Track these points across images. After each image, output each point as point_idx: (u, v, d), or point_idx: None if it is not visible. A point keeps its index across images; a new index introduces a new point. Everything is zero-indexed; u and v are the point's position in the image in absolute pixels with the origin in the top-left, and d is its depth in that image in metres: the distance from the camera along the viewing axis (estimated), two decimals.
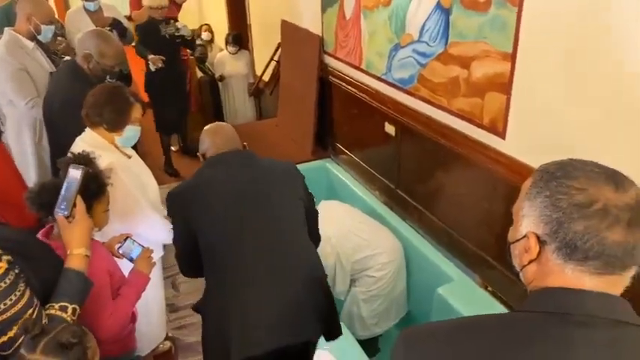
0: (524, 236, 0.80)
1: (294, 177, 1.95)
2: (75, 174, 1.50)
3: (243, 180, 1.80)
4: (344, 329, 2.54)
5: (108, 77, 2.61)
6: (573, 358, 0.71)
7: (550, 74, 2.03)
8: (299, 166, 3.92)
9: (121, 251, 1.83)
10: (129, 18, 4.69)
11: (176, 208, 1.84)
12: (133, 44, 4.30)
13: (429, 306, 2.75)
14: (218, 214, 1.75)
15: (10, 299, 1.26)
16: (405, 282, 3.08)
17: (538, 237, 0.78)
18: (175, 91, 4.45)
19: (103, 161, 1.78)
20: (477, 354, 0.75)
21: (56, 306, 1.38)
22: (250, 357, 1.70)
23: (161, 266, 2.60)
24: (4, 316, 1.25)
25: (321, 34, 3.79)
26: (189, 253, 1.84)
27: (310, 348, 1.98)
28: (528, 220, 0.80)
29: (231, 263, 1.74)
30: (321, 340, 2.37)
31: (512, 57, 2.16)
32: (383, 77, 3.12)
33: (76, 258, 1.47)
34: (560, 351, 0.71)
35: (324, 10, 3.67)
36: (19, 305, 1.28)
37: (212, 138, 1.91)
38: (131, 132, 2.13)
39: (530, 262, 0.80)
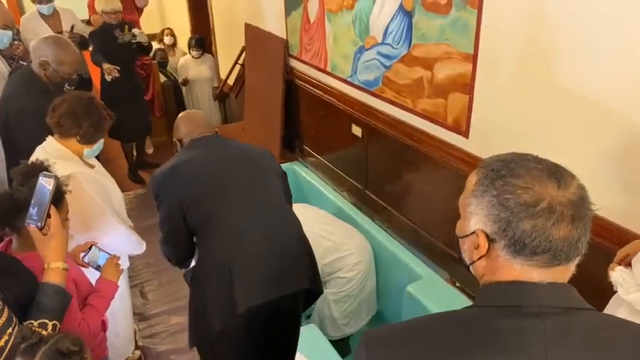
0: (473, 233, 0.82)
1: (271, 157, 2.12)
2: (46, 183, 1.45)
3: (224, 157, 1.93)
4: (316, 330, 2.56)
5: (67, 84, 2.55)
6: (527, 349, 0.73)
7: (509, 74, 2.10)
8: None
9: (86, 260, 1.78)
10: (87, 22, 4.58)
11: (163, 188, 1.90)
12: (91, 49, 4.20)
13: (400, 304, 2.79)
14: (208, 185, 1.86)
15: None
16: (375, 281, 3.12)
17: (487, 234, 0.80)
18: (133, 99, 4.35)
19: (65, 171, 1.74)
20: (435, 353, 0.76)
21: (35, 323, 1.32)
22: (251, 308, 1.82)
23: (127, 277, 2.56)
24: None
25: (285, 38, 3.80)
26: (179, 233, 1.90)
27: (298, 314, 2.11)
28: (477, 217, 0.82)
29: (227, 227, 1.84)
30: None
31: (474, 58, 2.22)
32: (348, 79, 3.15)
33: (54, 272, 1.41)
34: (514, 343, 0.74)
35: (287, 13, 3.68)
36: (0, 322, 1.22)
37: (187, 124, 2.03)
38: (100, 145, 2.12)
39: (480, 258, 0.82)
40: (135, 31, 4.13)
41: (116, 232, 2.08)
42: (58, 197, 1.55)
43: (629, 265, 1.61)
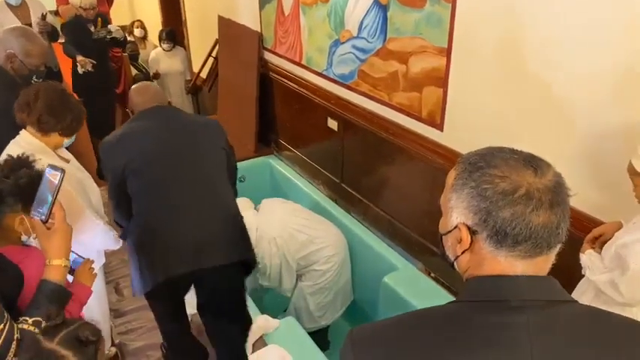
0: (455, 227, 0.82)
1: (217, 129, 2.17)
2: (53, 177, 1.41)
3: (170, 127, 2.02)
4: (293, 322, 2.58)
5: (35, 77, 2.48)
6: (512, 343, 0.74)
7: (483, 68, 2.14)
8: (242, 163, 3.92)
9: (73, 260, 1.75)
10: (56, 13, 4.46)
11: (108, 156, 2.01)
12: (61, 41, 4.09)
13: (376, 295, 2.83)
14: (146, 155, 1.95)
15: None
16: (350, 273, 3.15)
17: (469, 227, 0.80)
18: (105, 92, 4.27)
19: (43, 165, 1.71)
20: (422, 350, 0.77)
21: (30, 321, 1.29)
22: (172, 277, 1.89)
23: (103, 274, 2.52)
24: None
25: (259, 30, 3.78)
26: (124, 199, 1.99)
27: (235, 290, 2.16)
28: (457, 211, 0.82)
29: (158, 197, 1.94)
30: (272, 335, 2.41)
31: (448, 52, 2.25)
32: (324, 73, 3.16)
33: (55, 269, 1.37)
34: (499, 338, 0.74)
35: (262, 6, 3.66)
36: None
37: (139, 95, 2.13)
38: (74, 137, 2.11)
39: (464, 252, 0.82)
40: (111, 27, 4.04)
41: (95, 229, 2.05)
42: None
43: (604, 243, 1.67)
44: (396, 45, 2.53)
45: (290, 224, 2.99)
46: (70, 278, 1.70)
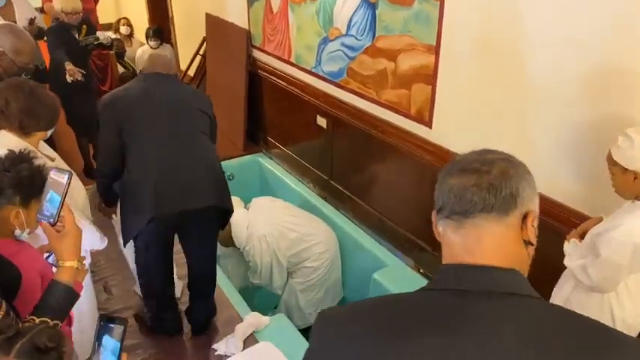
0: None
1: (204, 97, 2.47)
2: (60, 179, 1.40)
3: (163, 91, 2.26)
4: (284, 319, 2.59)
5: (24, 74, 2.46)
6: (465, 329, 0.73)
7: (471, 66, 2.17)
8: (231, 161, 3.92)
9: (50, 260, 1.73)
10: (41, 10, 4.40)
11: (106, 110, 2.20)
12: (45, 39, 4.03)
13: (366, 291, 2.84)
14: (139, 113, 2.18)
15: None
16: (340, 269, 3.16)
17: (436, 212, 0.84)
18: (85, 91, 4.20)
19: (41, 163, 1.69)
20: (378, 331, 0.77)
21: (37, 320, 1.29)
22: (162, 216, 2.12)
23: (90, 273, 2.50)
24: None
25: (248, 28, 3.77)
26: (112, 151, 2.20)
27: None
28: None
29: (147, 150, 2.17)
30: (263, 332, 2.41)
31: (436, 50, 2.27)
32: (313, 70, 3.16)
33: (67, 270, 1.38)
34: (461, 324, 0.73)
35: (250, 4, 3.65)
36: None
37: (149, 60, 2.37)
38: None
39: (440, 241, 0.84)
40: (98, 34, 3.98)
41: (81, 229, 2.03)
42: (40, 185, 1.50)
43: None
44: (385, 43, 2.54)
45: (280, 222, 3.00)
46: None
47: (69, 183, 1.40)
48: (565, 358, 0.70)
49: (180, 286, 2.69)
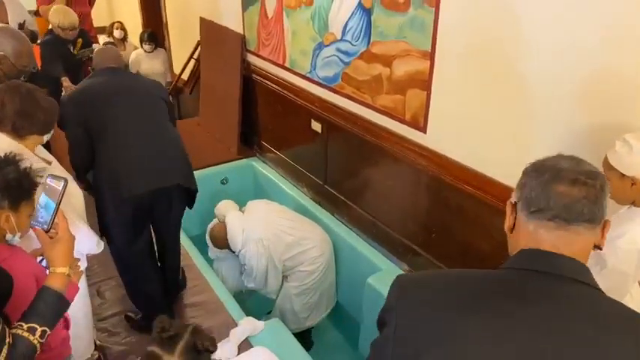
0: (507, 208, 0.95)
1: (158, 85, 2.71)
2: (56, 186, 1.40)
3: (120, 83, 2.46)
4: (279, 323, 2.58)
5: (22, 77, 2.46)
6: (545, 304, 0.82)
7: (466, 71, 2.18)
8: (225, 166, 3.91)
9: (44, 264, 1.73)
10: (35, 13, 4.37)
11: (68, 109, 2.33)
12: (39, 42, 4.01)
13: (360, 296, 2.85)
14: (101, 105, 2.36)
15: None
16: (335, 274, 3.16)
17: (513, 204, 0.93)
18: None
19: (28, 165, 1.68)
20: (467, 295, 0.85)
21: (25, 326, 1.28)
22: (135, 196, 2.32)
23: (85, 277, 2.48)
24: None
25: (242, 33, 3.78)
26: (81, 145, 2.38)
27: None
28: (513, 194, 0.95)
29: (115, 137, 2.34)
30: (258, 336, 2.40)
31: (431, 55, 2.29)
32: (308, 75, 3.17)
33: (59, 277, 1.38)
34: (534, 298, 0.83)
35: (245, 8, 3.66)
36: None
37: (98, 55, 2.60)
38: (53, 131, 2.06)
39: (512, 230, 0.93)
40: (95, 46, 3.97)
41: (78, 232, 2.02)
42: (31, 188, 1.49)
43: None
44: (380, 48, 2.56)
45: (276, 225, 2.99)
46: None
47: (64, 190, 1.41)
48: (618, 336, 0.80)
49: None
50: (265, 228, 2.94)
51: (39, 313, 1.32)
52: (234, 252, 3.00)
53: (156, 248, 2.69)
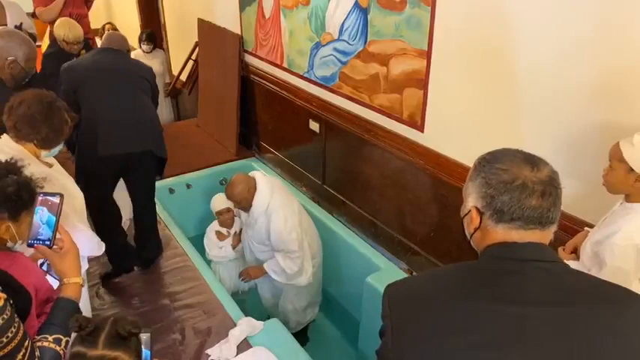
0: (469, 211, 1.02)
1: (145, 67, 2.97)
2: (54, 200, 1.41)
3: (109, 61, 2.81)
4: (277, 323, 2.58)
5: (27, 79, 2.49)
6: (523, 283, 0.93)
7: (462, 70, 2.19)
8: (224, 166, 3.91)
9: (44, 268, 1.73)
10: (32, 15, 4.37)
11: (65, 75, 2.73)
12: (39, 44, 4.01)
13: (359, 295, 2.85)
14: (90, 78, 2.73)
15: (11, 331, 1.20)
16: (321, 272, 3.09)
17: (478, 209, 1.00)
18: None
19: (26, 171, 1.68)
20: (448, 297, 0.95)
21: (50, 338, 1.30)
22: (110, 156, 2.65)
23: (86, 279, 2.48)
24: (7, 349, 1.19)
25: (240, 33, 3.78)
26: (73, 111, 2.51)
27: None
28: (471, 197, 1.02)
29: (97, 106, 2.69)
30: (257, 337, 2.41)
31: (428, 54, 2.29)
32: (305, 75, 3.18)
33: (74, 287, 1.42)
34: (510, 280, 0.94)
35: (242, 9, 3.66)
36: (19, 337, 1.22)
37: (107, 37, 2.95)
38: (60, 147, 2.04)
39: (475, 230, 1.02)
40: None
41: (80, 235, 2.01)
42: (31, 198, 1.48)
43: (577, 257, 1.71)
44: (377, 47, 2.56)
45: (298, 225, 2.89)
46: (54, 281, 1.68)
47: (61, 204, 1.42)
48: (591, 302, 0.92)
49: (127, 224, 3.24)
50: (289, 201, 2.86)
51: (62, 324, 1.35)
52: (253, 215, 2.83)
53: (132, 209, 3.04)
